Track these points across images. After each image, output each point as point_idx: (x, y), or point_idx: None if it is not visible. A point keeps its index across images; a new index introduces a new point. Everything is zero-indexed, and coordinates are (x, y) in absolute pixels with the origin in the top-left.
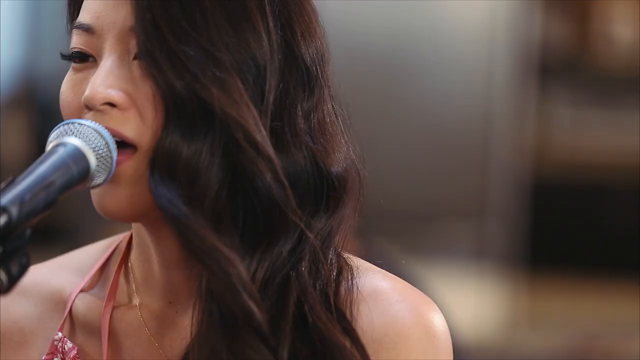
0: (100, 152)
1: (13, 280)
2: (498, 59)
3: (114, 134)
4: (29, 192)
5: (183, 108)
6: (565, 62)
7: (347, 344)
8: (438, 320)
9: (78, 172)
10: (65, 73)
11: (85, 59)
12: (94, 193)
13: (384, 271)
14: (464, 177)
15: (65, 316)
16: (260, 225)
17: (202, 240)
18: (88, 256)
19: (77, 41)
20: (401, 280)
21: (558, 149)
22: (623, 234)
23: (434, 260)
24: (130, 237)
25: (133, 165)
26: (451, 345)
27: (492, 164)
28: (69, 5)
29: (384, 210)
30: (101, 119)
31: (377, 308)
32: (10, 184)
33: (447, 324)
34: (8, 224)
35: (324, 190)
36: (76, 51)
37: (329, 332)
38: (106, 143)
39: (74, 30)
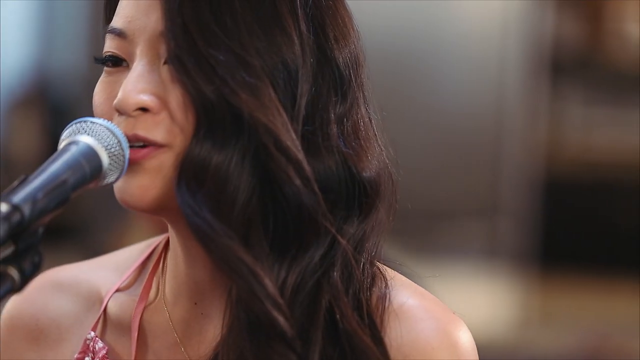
0: (112, 150)
1: (26, 278)
2: (510, 57)
3: (144, 140)
4: (41, 191)
5: (213, 113)
6: (577, 61)
7: (377, 353)
8: (464, 339)
9: (90, 170)
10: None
11: (118, 63)
12: (117, 186)
13: (416, 286)
14: (475, 175)
15: (99, 315)
16: (290, 232)
17: (225, 251)
18: (128, 256)
19: (109, 45)
20: (431, 296)
21: (570, 147)
22: (635, 232)
23: (445, 258)
24: (168, 238)
25: (161, 158)
26: None
27: (503, 162)
28: (105, 8)
29: (400, 207)
30: (133, 124)
31: (402, 326)
32: (23, 182)
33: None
34: (21, 222)
35: (356, 195)
36: (109, 55)
37: (359, 339)
38: (118, 141)
39: (107, 34)
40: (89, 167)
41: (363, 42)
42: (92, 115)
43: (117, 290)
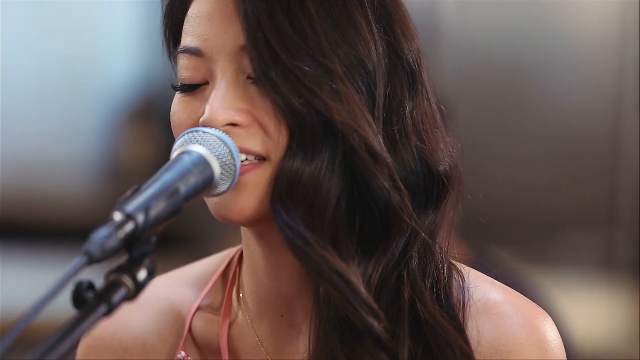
0: (224, 160)
1: (139, 287)
2: (629, 61)
3: (241, 150)
4: (154, 200)
5: (304, 124)
6: None
7: (462, 343)
8: (551, 334)
9: (203, 180)
10: None
11: (195, 88)
12: (214, 201)
13: (494, 281)
14: (591, 185)
15: (185, 334)
16: (376, 231)
17: (320, 263)
18: (203, 271)
19: (185, 68)
20: (512, 290)
21: None
22: None
23: (561, 271)
24: (242, 252)
25: (260, 175)
26: (565, 357)
27: (621, 172)
28: (166, 31)
29: (509, 219)
30: None
31: (488, 322)
32: (136, 192)
33: (573, 335)
34: (135, 231)
35: (432, 189)
36: (187, 85)
37: (443, 330)
38: (230, 151)
39: (180, 55)
40: (201, 177)
41: (473, 46)
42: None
43: (199, 308)
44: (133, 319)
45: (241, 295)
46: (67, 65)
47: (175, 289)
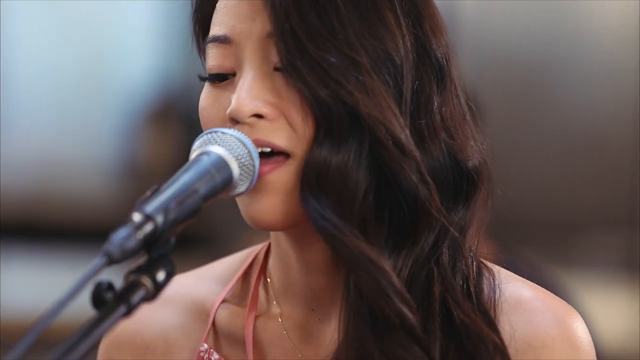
0: (242, 160)
1: (158, 287)
2: None
3: (265, 144)
4: (173, 200)
5: (330, 115)
6: None
7: (494, 339)
8: (582, 331)
9: (221, 180)
10: (203, 83)
11: (224, 78)
12: (243, 204)
13: (523, 279)
14: (613, 184)
15: (209, 327)
16: (405, 224)
17: (354, 250)
18: (227, 267)
19: (214, 56)
20: (542, 288)
21: None
22: None
23: (583, 270)
24: (268, 247)
25: (284, 173)
26: (595, 355)
27: None
28: (195, 23)
29: (532, 219)
30: (249, 131)
31: (520, 317)
32: (155, 192)
33: (596, 335)
34: (154, 231)
35: (461, 184)
36: (215, 74)
37: (475, 326)
38: (248, 152)
39: (209, 44)
40: (220, 177)
41: (492, 46)
42: (203, 130)
43: (224, 301)
44: (156, 315)
45: (269, 288)
46: (86, 66)
47: (199, 285)
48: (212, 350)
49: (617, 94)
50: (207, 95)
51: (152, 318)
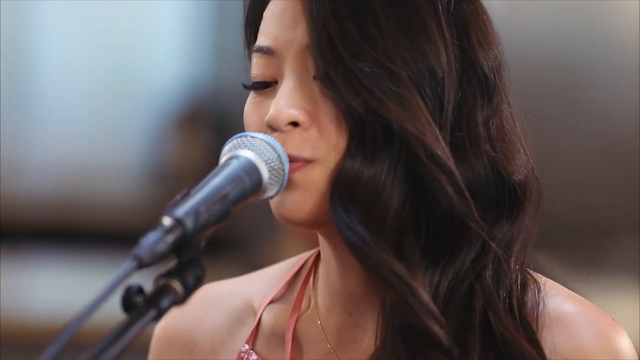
0: (272, 164)
1: (188, 291)
2: None
3: (293, 158)
4: (203, 205)
5: (363, 126)
6: None
7: (535, 356)
8: (625, 346)
9: (251, 184)
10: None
11: (266, 86)
12: (273, 201)
13: (569, 291)
14: (638, 188)
15: (253, 328)
16: (442, 238)
17: (378, 264)
18: (278, 270)
19: (257, 66)
20: (587, 302)
21: None
22: None
23: (606, 275)
24: (319, 253)
25: (311, 172)
26: None
27: None
28: (246, 29)
29: (557, 222)
30: (284, 139)
31: (562, 332)
32: (185, 196)
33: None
34: (184, 235)
35: (505, 199)
36: (258, 82)
37: (516, 342)
38: (278, 156)
39: (253, 54)
40: (250, 181)
41: (521, 45)
42: None
43: (271, 302)
44: (206, 314)
45: (313, 291)
46: (115, 72)
47: (250, 287)
48: (251, 350)
49: None
50: (250, 102)
51: (202, 318)
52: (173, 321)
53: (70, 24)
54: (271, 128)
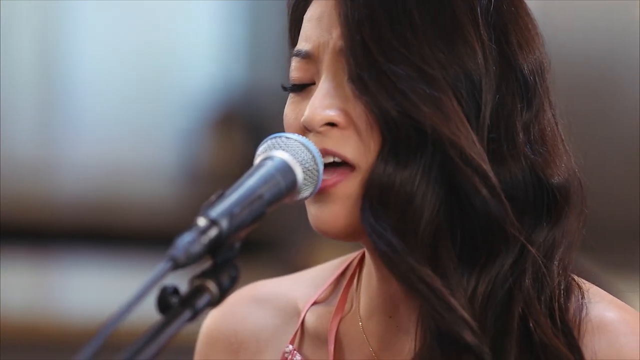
0: (307, 165)
1: (223, 292)
2: None
3: (334, 154)
4: (238, 205)
5: (396, 129)
6: None
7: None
8: None
9: (286, 185)
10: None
11: (304, 87)
12: (310, 212)
13: (614, 298)
14: None
15: (297, 328)
16: (478, 241)
17: (408, 273)
18: (323, 271)
19: (296, 70)
20: (631, 309)
21: None
22: None
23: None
24: (363, 254)
25: (350, 185)
26: None
27: None
28: (290, 30)
29: (592, 223)
30: (321, 140)
31: (603, 339)
32: (220, 197)
33: None
34: (219, 236)
35: (544, 202)
36: (296, 85)
37: (555, 348)
38: (312, 156)
39: (293, 56)
40: (284, 182)
41: (562, 44)
42: None
43: (314, 303)
44: (251, 314)
45: (356, 294)
46: (150, 73)
47: (294, 287)
48: (295, 351)
49: None
50: (289, 103)
51: (247, 317)
52: (218, 321)
53: (105, 26)
54: (306, 129)
